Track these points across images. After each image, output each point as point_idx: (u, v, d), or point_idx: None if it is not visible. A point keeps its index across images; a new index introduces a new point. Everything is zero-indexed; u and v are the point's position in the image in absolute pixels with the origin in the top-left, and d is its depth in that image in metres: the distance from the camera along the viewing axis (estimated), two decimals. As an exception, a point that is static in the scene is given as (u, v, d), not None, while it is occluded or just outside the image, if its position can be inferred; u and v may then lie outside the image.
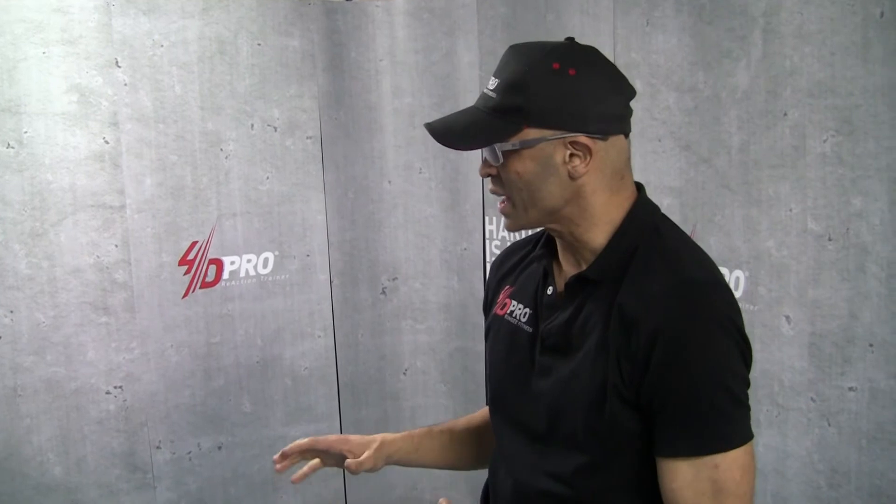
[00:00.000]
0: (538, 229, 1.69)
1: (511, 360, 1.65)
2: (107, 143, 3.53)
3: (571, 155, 1.47)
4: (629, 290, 1.46)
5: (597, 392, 1.45)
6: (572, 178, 1.47)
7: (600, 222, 1.52)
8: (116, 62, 3.52)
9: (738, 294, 2.69)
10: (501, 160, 1.47)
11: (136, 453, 3.69)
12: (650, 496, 1.46)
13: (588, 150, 1.47)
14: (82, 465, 3.61)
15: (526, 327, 1.62)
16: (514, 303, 1.68)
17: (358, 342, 4.14)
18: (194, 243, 3.72)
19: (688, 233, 1.65)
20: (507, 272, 1.77)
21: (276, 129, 3.82)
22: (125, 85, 3.55)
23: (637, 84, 3.12)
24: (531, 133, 1.45)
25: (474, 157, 1.67)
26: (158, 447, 3.71)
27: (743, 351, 1.45)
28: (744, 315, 1.48)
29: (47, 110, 3.45)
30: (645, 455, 1.46)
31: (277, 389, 3.91)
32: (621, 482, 1.49)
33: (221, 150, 3.73)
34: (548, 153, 1.46)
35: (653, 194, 1.59)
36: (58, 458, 3.58)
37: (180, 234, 3.70)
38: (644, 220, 1.55)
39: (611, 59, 1.58)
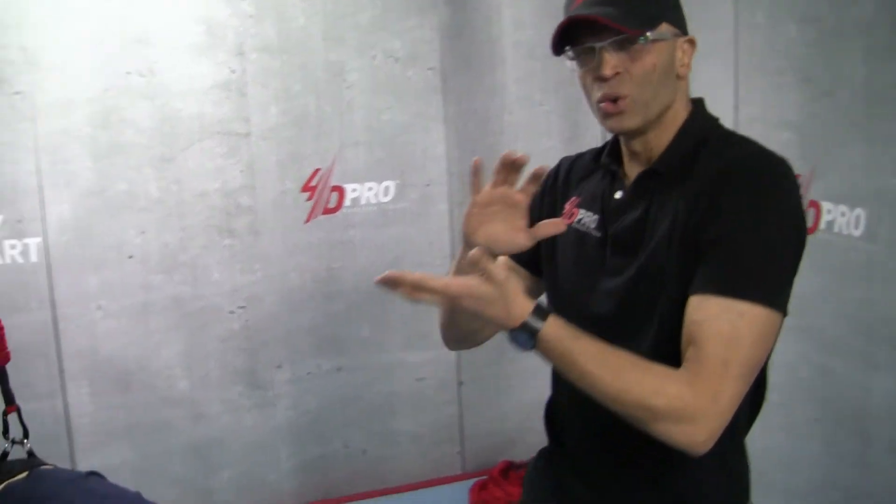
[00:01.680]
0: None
1: (581, 264, 1.70)
2: (233, 72, 3.66)
3: (682, 54, 1.59)
4: (700, 175, 1.54)
5: (665, 277, 1.52)
6: (679, 77, 1.59)
7: (672, 124, 1.62)
8: (241, -6, 3.64)
9: (857, 233, 2.64)
10: (644, 51, 1.54)
11: (258, 372, 3.85)
12: None
13: (692, 51, 1.61)
14: (206, 380, 3.80)
15: (595, 233, 1.68)
16: (583, 211, 1.73)
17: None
18: (317, 171, 3.82)
19: (806, 170, 1.70)
20: (569, 184, 1.82)
21: (397, 59, 3.87)
22: (250, 17, 3.66)
23: (758, 16, 3.07)
24: (664, 28, 1.55)
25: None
26: (279, 367, 3.86)
27: (798, 227, 1.51)
28: (864, 254, 1.50)
29: (176, 41, 3.59)
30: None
31: (395, 316, 3.98)
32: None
33: (344, 80, 3.81)
34: (671, 49, 1.57)
35: (771, 129, 1.64)
36: (184, 373, 3.77)
37: (303, 162, 3.81)
38: (703, 122, 1.64)
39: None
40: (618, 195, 1.66)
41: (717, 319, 1.41)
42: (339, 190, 3.85)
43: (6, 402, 2.70)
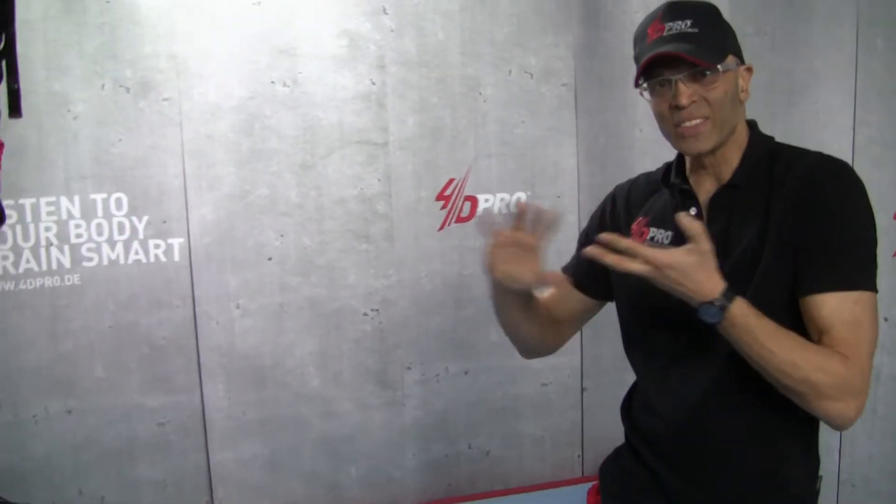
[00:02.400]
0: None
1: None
2: (373, 84, 3.80)
3: (742, 81, 1.79)
4: (781, 183, 1.73)
5: (756, 277, 1.69)
6: (740, 101, 1.80)
7: (737, 144, 1.81)
8: (384, 9, 3.77)
9: None
10: (717, 81, 1.73)
11: (388, 372, 3.98)
12: None
13: (749, 78, 1.81)
14: (338, 379, 3.95)
15: (671, 247, 1.79)
16: (654, 229, 1.90)
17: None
18: (451, 180, 3.94)
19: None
20: (633, 205, 2.01)
21: (532, 75, 3.97)
22: (391, 31, 3.79)
23: (877, 41, 3.12)
24: (730, 60, 1.76)
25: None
26: (409, 368, 3.99)
27: (873, 216, 1.71)
28: None
29: (320, 53, 3.75)
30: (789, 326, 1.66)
31: (523, 322, 4.08)
32: None
33: (479, 94, 3.92)
34: (735, 78, 1.77)
35: (888, 150, 1.81)
36: (317, 372, 3.92)
37: (438, 172, 3.93)
38: (765, 139, 1.85)
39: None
40: (692, 211, 1.83)
41: (840, 311, 1.61)
42: (473, 199, 3.96)
43: None
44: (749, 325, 1.57)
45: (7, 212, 2.85)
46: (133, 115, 3.63)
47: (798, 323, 1.67)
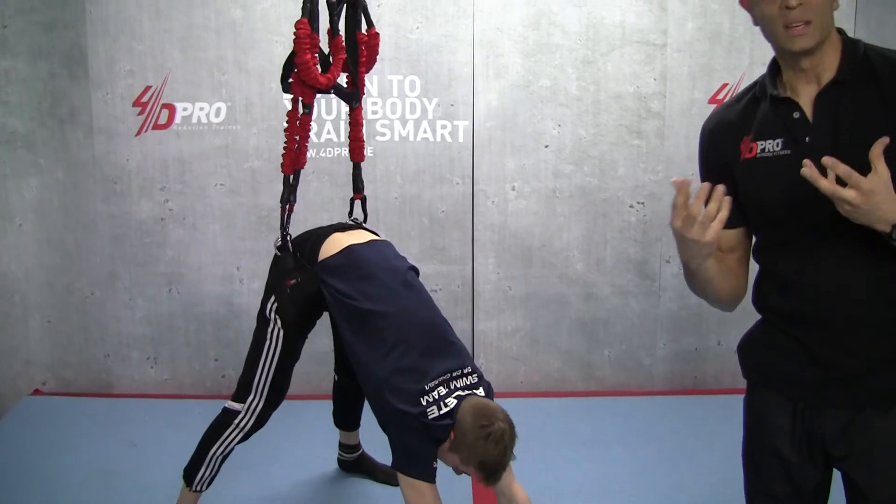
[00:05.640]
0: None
1: (782, 184, 1.88)
2: (656, -14, 4.00)
3: None
4: (890, 81, 1.80)
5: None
6: (833, 8, 1.82)
7: (832, 46, 1.84)
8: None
9: None
10: None
11: (648, 263, 4.20)
12: None
13: None
14: (601, 265, 4.20)
15: (784, 152, 1.89)
16: (761, 142, 1.93)
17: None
18: (724, 84, 4.08)
19: None
20: (733, 129, 2.01)
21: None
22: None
23: None
24: None
25: None
26: (668, 261, 4.19)
27: None
28: None
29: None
30: None
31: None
32: None
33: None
34: None
35: None
36: (581, 256, 4.19)
37: (713, 75, 4.08)
38: (855, 41, 1.88)
39: None
40: (796, 115, 1.86)
41: None
42: (743, 104, 4.08)
43: (356, 190, 3.16)
44: None
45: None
46: (431, 4, 3.96)
47: None
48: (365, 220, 3.12)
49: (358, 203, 3.15)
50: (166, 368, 4.23)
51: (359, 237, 2.89)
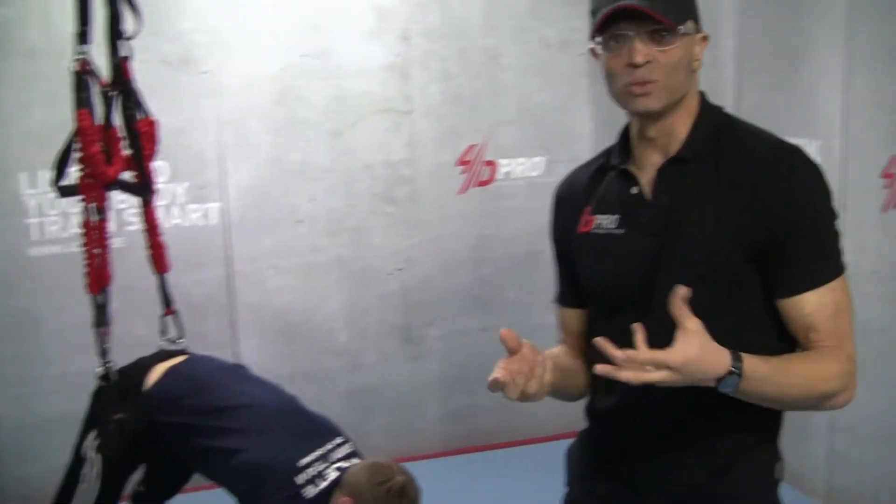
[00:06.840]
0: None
1: (615, 264, 1.79)
2: (398, 55, 4.03)
3: (698, 49, 1.68)
4: (731, 162, 1.67)
5: (731, 278, 1.66)
6: (692, 70, 1.68)
7: (686, 113, 1.71)
8: (411, -16, 3.99)
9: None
10: (674, 43, 1.64)
11: (412, 328, 4.22)
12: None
13: (704, 47, 1.70)
14: (364, 334, 4.19)
15: (617, 231, 1.76)
16: (598, 216, 1.82)
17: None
18: (472, 146, 4.16)
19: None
20: (578, 199, 1.88)
21: (549, 45, 4.17)
22: (417, 5, 4.03)
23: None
24: (690, 25, 1.65)
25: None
26: (431, 324, 4.22)
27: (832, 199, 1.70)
28: None
29: (349, 26, 3.99)
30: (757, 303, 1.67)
31: (541, 279, 4.26)
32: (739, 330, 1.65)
33: (499, 63, 4.14)
34: (692, 44, 1.66)
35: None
36: (344, 327, 4.16)
37: (460, 138, 4.16)
38: (714, 111, 1.75)
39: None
40: (634, 190, 1.75)
41: (822, 305, 1.61)
42: (492, 164, 4.19)
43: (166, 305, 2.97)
44: (763, 372, 1.54)
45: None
46: (174, 86, 3.86)
47: (775, 313, 1.67)
48: (181, 337, 2.96)
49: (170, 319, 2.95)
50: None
51: (179, 359, 2.78)
